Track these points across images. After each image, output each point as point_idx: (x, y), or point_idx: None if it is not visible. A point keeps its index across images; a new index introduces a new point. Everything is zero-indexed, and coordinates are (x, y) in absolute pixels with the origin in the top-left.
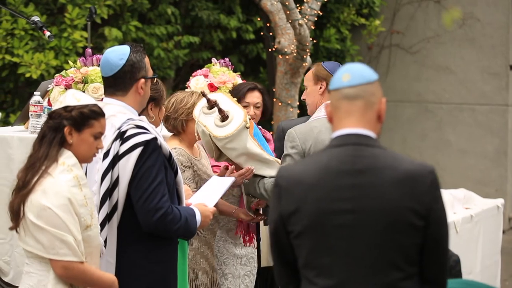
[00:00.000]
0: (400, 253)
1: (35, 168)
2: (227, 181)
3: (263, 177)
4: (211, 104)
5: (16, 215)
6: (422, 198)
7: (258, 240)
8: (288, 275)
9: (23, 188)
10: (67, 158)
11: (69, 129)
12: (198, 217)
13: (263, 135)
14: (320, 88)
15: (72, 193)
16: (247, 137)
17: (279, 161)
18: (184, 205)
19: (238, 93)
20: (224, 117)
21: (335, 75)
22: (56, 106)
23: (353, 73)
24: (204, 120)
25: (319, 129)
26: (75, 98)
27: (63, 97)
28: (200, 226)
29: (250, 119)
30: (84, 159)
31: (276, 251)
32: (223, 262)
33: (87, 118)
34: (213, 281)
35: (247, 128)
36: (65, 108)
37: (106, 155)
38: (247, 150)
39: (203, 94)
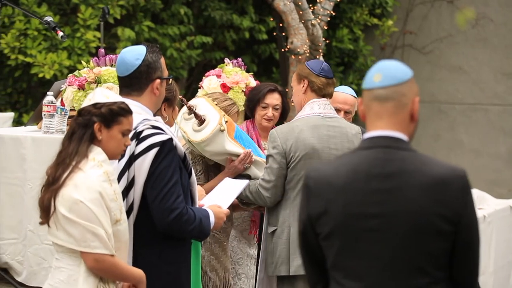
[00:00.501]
0: (428, 258)
1: (65, 163)
2: (240, 184)
3: (249, 178)
4: (189, 110)
5: (47, 210)
6: (452, 203)
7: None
8: (317, 274)
9: (53, 183)
10: (97, 154)
11: (98, 125)
12: (212, 219)
13: None
14: (303, 86)
15: (103, 187)
16: (225, 139)
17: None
18: (197, 206)
19: (258, 94)
20: (201, 121)
21: (368, 73)
22: (85, 103)
23: (384, 73)
24: (184, 126)
25: (300, 128)
26: (104, 95)
27: (92, 94)
28: (214, 228)
29: (227, 122)
30: (112, 155)
31: (305, 251)
32: (236, 262)
33: (116, 115)
34: (225, 281)
35: (222, 131)
36: (95, 105)
37: (122, 155)
38: (227, 151)
39: (182, 100)
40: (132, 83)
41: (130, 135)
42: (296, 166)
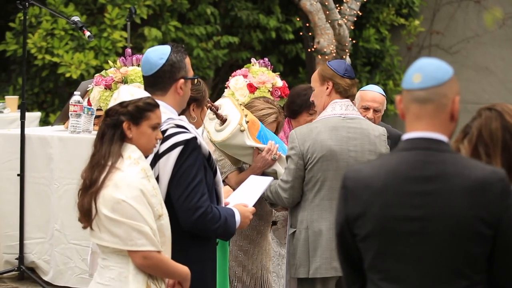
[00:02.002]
0: (467, 262)
1: (100, 165)
2: (265, 181)
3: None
4: (211, 109)
5: (88, 213)
6: (492, 207)
7: None
8: (354, 275)
9: (90, 186)
10: (132, 152)
11: (127, 124)
12: (238, 218)
13: None
14: (327, 88)
15: (143, 184)
16: (245, 139)
17: None
18: (223, 205)
19: (309, 100)
20: (222, 121)
21: (408, 72)
22: (111, 103)
23: (424, 74)
24: (208, 125)
25: (319, 129)
26: (129, 93)
27: (117, 93)
28: (240, 227)
29: (248, 122)
30: (145, 151)
31: (342, 252)
32: None
33: (143, 111)
34: (262, 279)
35: (241, 131)
36: (121, 104)
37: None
38: (246, 150)
39: (207, 101)
40: (156, 82)
41: None
42: (313, 168)
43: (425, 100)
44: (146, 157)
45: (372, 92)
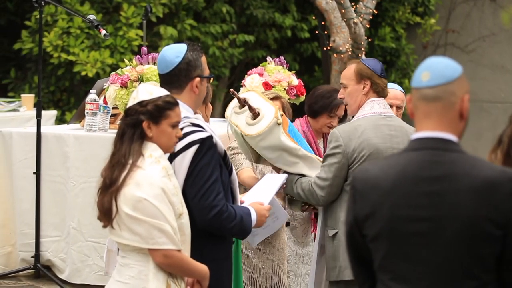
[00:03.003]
0: (476, 262)
1: (120, 164)
2: (280, 178)
3: (302, 175)
4: (242, 103)
5: (108, 212)
6: (501, 207)
7: None
8: (364, 274)
9: (111, 185)
10: (153, 150)
11: (147, 123)
12: (254, 216)
13: None
14: (364, 87)
15: (164, 183)
16: (280, 133)
17: (321, 159)
18: (239, 204)
19: (331, 102)
20: (255, 115)
21: (417, 71)
22: (130, 102)
23: (433, 72)
24: (236, 119)
25: (363, 127)
26: (147, 92)
27: (135, 92)
28: (256, 225)
29: (282, 115)
30: (166, 149)
31: (352, 252)
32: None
33: (163, 109)
34: (273, 279)
35: (278, 124)
36: (140, 104)
37: None
38: (282, 144)
39: (233, 93)
40: (171, 80)
41: None
42: (359, 167)
43: (433, 98)
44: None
45: (393, 90)
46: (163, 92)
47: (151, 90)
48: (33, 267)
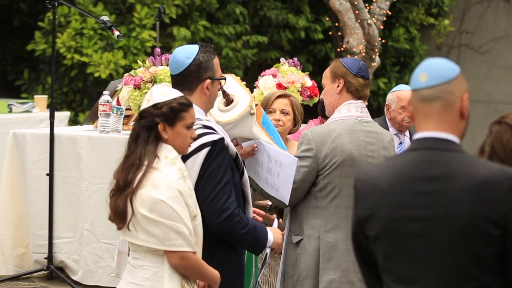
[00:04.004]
0: (475, 263)
1: (135, 166)
2: (292, 161)
3: None
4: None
5: (123, 214)
6: (498, 206)
7: None
8: (372, 276)
9: (125, 187)
10: (168, 152)
11: (162, 125)
12: (271, 236)
13: None
14: (338, 86)
15: (180, 184)
16: (252, 124)
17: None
18: (250, 205)
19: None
20: (228, 101)
21: (414, 73)
22: (144, 104)
23: (430, 72)
24: None
25: (338, 132)
26: (161, 94)
27: (149, 94)
28: (273, 246)
29: (257, 105)
30: (181, 150)
31: (357, 253)
32: None
33: (178, 111)
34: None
35: (251, 114)
36: (155, 106)
37: None
38: (253, 135)
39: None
40: (182, 81)
41: None
42: (330, 173)
43: (432, 98)
44: None
45: (409, 91)
46: (177, 93)
47: (165, 92)
48: (46, 268)
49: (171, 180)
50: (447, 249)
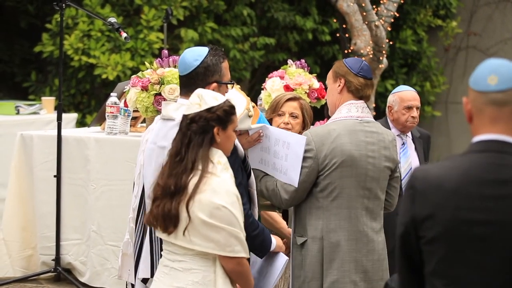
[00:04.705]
0: None
1: (187, 170)
2: (300, 139)
3: (267, 174)
4: None
5: (175, 218)
6: None
7: None
8: (412, 279)
9: (177, 191)
10: (219, 157)
11: (217, 129)
12: (274, 240)
13: None
14: (339, 86)
15: (236, 190)
16: (249, 126)
17: None
18: (256, 206)
19: None
20: None
21: (479, 74)
22: (191, 109)
23: (501, 75)
24: None
25: (337, 132)
26: (213, 97)
27: (197, 99)
28: (276, 250)
29: (254, 107)
30: (227, 153)
31: (402, 255)
32: None
33: (230, 114)
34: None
35: (249, 116)
36: (209, 110)
37: None
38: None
39: None
40: (188, 83)
41: None
42: (331, 174)
43: (504, 102)
44: None
45: (411, 92)
46: (224, 97)
47: (216, 96)
48: (54, 270)
49: (230, 186)
50: (510, 256)
